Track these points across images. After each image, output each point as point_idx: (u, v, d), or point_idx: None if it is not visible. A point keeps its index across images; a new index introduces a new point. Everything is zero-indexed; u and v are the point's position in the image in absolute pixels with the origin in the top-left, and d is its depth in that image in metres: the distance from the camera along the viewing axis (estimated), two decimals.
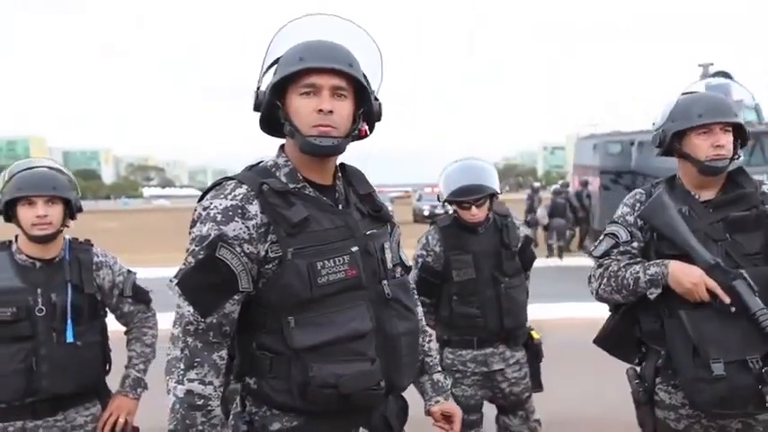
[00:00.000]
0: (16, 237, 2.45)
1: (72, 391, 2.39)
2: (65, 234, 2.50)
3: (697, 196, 2.18)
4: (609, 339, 2.28)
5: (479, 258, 3.04)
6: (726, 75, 13.86)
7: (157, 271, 5.45)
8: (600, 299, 2.26)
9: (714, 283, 2.01)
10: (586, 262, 12.37)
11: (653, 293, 2.09)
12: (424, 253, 3.11)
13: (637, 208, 2.24)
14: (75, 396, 2.42)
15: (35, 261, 2.41)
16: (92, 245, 2.55)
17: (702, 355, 2.00)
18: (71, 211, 2.46)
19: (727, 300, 1.99)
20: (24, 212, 2.36)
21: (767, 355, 1.96)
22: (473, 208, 3.03)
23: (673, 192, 2.20)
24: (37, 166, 2.45)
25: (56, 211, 2.39)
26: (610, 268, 2.20)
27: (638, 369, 2.24)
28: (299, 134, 1.58)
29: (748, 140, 2.20)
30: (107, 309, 2.57)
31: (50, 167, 2.48)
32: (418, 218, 28.89)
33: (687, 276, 2.03)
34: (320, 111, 1.56)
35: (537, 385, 3.18)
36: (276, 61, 1.64)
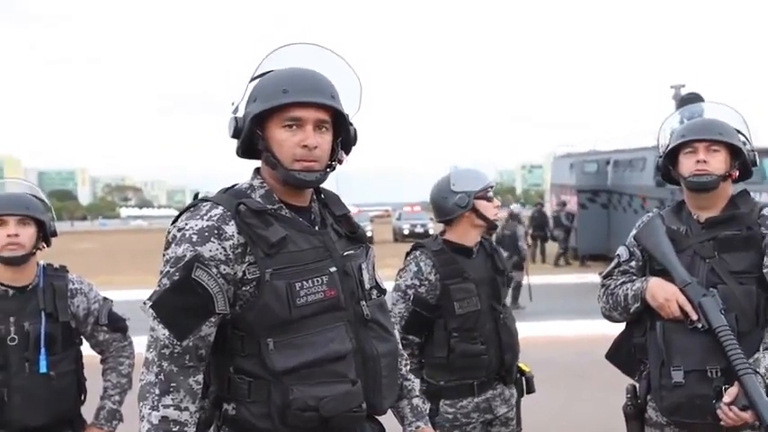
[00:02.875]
0: None
1: (45, 423, 2.34)
2: (39, 260, 2.46)
3: (696, 216, 2.23)
4: (617, 355, 2.33)
5: (477, 286, 2.62)
6: (697, 96, 14.14)
7: (135, 293, 5.37)
8: (605, 317, 2.34)
9: (685, 300, 2.08)
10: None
11: (635, 307, 2.17)
12: (417, 283, 2.60)
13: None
14: (48, 428, 2.36)
15: (8, 288, 2.35)
16: (67, 271, 2.50)
17: (666, 363, 2.08)
18: (45, 234, 2.42)
19: (694, 316, 2.06)
20: None
21: (728, 372, 1.99)
22: (495, 201, 2.73)
23: (678, 213, 2.28)
24: (12, 192, 2.43)
25: (28, 233, 2.35)
26: (609, 287, 2.29)
27: (636, 385, 2.28)
28: (282, 167, 1.57)
29: (752, 163, 2.22)
30: (82, 337, 2.52)
31: (26, 192, 2.46)
32: (398, 237, 28.91)
33: (662, 292, 2.11)
34: (305, 146, 1.56)
35: (517, 424, 2.80)
36: (255, 78, 1.63)
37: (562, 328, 8.42)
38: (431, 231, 27.77)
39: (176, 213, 1.64)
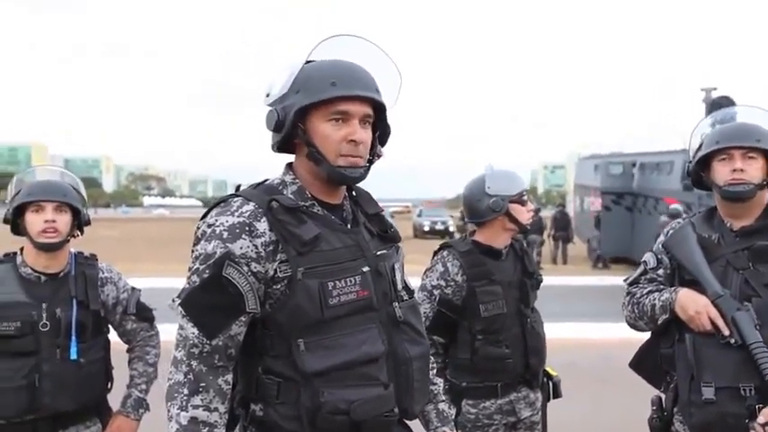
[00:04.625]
0: (21, 249, 2.43)
1: (74, 409, 2.37)
2: (71, 248, 2.47)
3: (729, 224, 2.16)
4: (642, 364, 2.28)
5: (505, 289, 2.61)
6: (728, 99, 13.94)
7: (156, 281, 5.40)
8: (630, 326, 2.28)
9: (716, 313, 2.02)
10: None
11: (663, 318, 2.12)
12: (443, 283, 2.59)
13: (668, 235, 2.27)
14: (77, 414, 2.39)
15: (40, 275, 2.38)
16: (97, 259, 2.53)
17: (696, 378, 2.01)
18: (79, 222, 2.45)
19: (726, 331, 1.99)
20: (32, 218, 2.34)
21: (763, 390, 1.93)
22: (528, 205, 2.73)
23: (710, 221, 2.21)
24: (49, 179, 2.47)
25: (64, 220, 2.37)
26: (635, 296, 2.23)
27: (662, 396, 2.23)
28: (327, 162, 1.54)
29: None
30: (110, 325, 2.54)
31: (63, 180, 2.49)
32: (418, 233, 28.83)
33: (692, 304, 2.05)
34: (352, 141, 1.53)
35: (543, 428, 2.79)
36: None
37: (585, 330, 8.36)
38: (451, 228, 27.70)
39: (198, 203, 1.58)
